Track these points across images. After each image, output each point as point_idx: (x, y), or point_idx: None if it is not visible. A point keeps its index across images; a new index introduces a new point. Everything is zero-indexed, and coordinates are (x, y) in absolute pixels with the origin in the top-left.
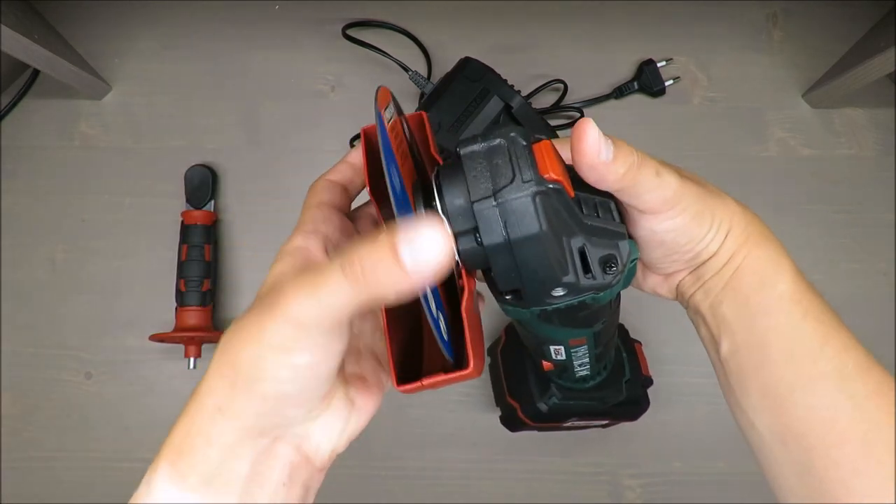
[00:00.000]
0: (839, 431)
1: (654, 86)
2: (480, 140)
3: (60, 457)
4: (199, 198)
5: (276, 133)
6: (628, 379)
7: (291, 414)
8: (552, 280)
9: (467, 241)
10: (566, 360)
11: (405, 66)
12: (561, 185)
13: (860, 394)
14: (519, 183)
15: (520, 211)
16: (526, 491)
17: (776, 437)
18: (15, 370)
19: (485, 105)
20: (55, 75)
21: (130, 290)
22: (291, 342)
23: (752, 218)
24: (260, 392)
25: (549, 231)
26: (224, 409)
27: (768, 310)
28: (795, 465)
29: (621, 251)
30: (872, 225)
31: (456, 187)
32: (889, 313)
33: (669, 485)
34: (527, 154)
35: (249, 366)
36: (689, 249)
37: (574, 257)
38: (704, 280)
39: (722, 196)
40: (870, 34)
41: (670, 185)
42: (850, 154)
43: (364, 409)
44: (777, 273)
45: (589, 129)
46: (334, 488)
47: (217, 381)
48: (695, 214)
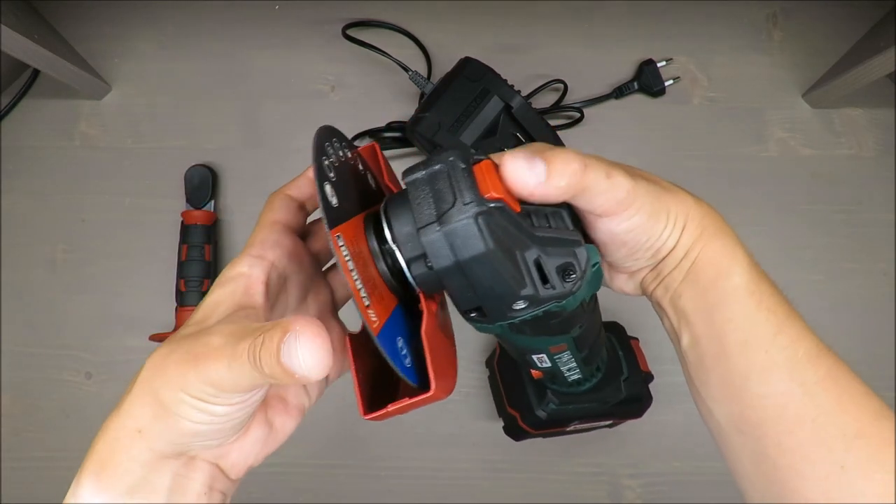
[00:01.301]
0: (790, 418)
1: (654, 86)
2: (422, 167)
3: (60, 457)
4: (199, 198)
5: (276, 133)
6: (627, 377)
7: (206, 444)
8: (510, 295)
9: (419, 267)
10: (552, 367)
11: (405, 66)
12: (503, 203)
13: (810, 381)
14: (460, 206)
15: (464, 233)
16: (526, 491)
17: (733, 425)
18: (15, 370)
19: (485, 105)
20: (55, 75)
21: (130, 290)
22: (210, 398)
23: (706, 210)
24: (178, 427)
25: (497, 248)
26: (144, 433)
27: (724, 301)
28: (751, 452)
29: (579, 258)
30: (872, 225)
31: (402, 216)
32: (889, 313)
33: (669, 485)
34: (466, 176)
35: (172, 405)
36: (649, 247)
37: (531, 269)
38: (664, 275)
39: (676, 191)
40: (870, 34)
41: (622, 186)
42: (850, 154)
43: (282, 430)
44: (732, 264)
45: (507, 164)
46: (335, 488)
47: (139, 409)
48: (651, 212)
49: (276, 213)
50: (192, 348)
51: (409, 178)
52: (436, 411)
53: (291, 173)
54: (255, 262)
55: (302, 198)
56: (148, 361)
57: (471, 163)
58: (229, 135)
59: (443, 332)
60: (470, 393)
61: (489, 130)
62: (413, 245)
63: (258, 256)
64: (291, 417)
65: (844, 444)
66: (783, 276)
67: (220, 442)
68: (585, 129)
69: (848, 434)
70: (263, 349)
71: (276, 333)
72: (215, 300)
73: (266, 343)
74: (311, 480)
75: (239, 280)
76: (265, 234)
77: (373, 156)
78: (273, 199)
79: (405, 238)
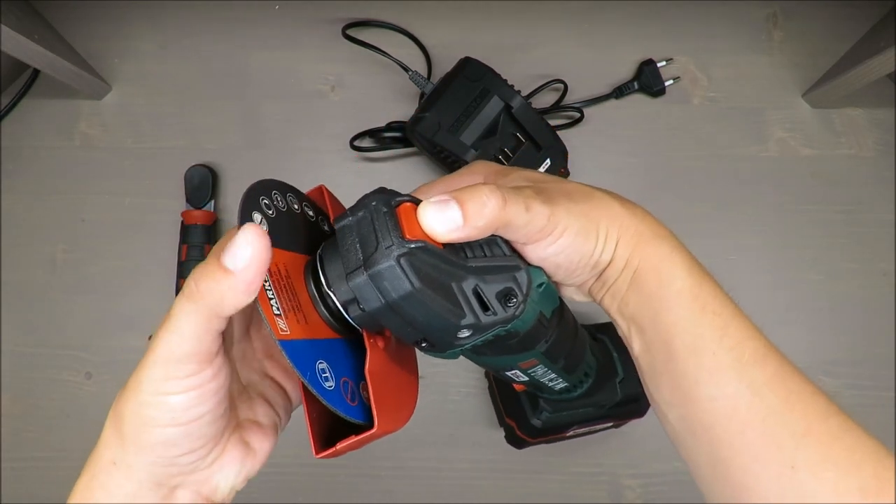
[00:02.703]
0: (740, 419)
1: (654, 86)
2: (350, 214)
3: (60, 457)
4: (199, 198)
5: (276, 133)
6: (622, 378)
7: (183, 461)
8: (450, 326)
9: (354, 310)
10: (531, 381)
11: (405, 66)
12: (424, 242)
13: (758, 381)
14: (382, 249)
15: (388, 276)
16: (526, 491)
17: (687, 429)
18: (15, 370)
19: (485, 105)
20: (55, 75)
21: (130, 290)
22: (163, 383)
23: (641, 217)
24: (146, 442)
25: (424, 286)
26: (118, 462)
27: (669, 307)
28: (705, 455)
29: (519, 282)
30: (872, 225)
31: (334, 262)
32: (889, 313)
33: (669, 485)
34: (387, 220)
35: (132, 417)
36: (585, 263)
37: (470, 299)
38: (609, 285)
39: (607, 203)
40: (870, 34)
41: (542, 214)
42: (850, 154)
43: (260, 450)
44: (672, 270)
45: (423, 216)
46: (335, 488)
47: (110, 435)
48: (577, 231)
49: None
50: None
51: (338, 225)
52: (436, 411)
53: (291, 173)
54: None
55: None
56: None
57: (393, 206)
58: (229, 135)
59: (397, 364)
60: (470, 393)
61: (489, 130)
62: (345, 290)
63: None
64: (267, 437)
65: (794, 442)
66: (783, 276)
67: (195, 456)
68: (585, 129)
69: (797, 433)
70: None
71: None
72: None
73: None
74: (311, 480)
75: None
76: None
77: (321, 197)
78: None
79: (337, 283)
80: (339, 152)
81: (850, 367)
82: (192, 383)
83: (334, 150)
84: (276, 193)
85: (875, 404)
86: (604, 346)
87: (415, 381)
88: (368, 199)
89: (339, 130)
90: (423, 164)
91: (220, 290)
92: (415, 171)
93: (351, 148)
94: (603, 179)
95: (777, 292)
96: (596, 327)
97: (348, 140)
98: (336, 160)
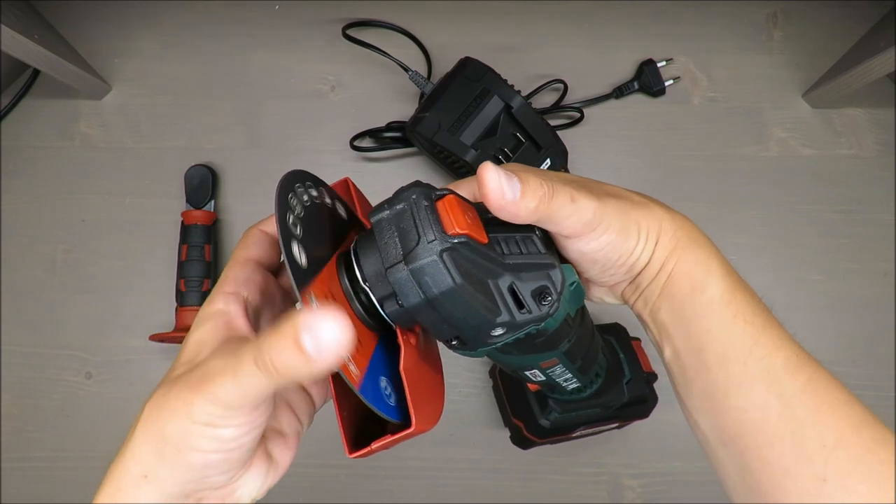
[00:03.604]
0: (769, 432)
1: (654, 86)
2: (387, 206)
3: (60, 457)
4: (199, 198)
5: (276, 133)
6: (629, 379)
7: (216, 480)
8: (486, 324)
9: (390, 305)
10: (548, 380)
11: (405, 66)
12: (467, 237)
13: (788, 392)
14: (424, 244)
15: (430, 271)
16: (526, 491)
17: (717, 438)
18: (15, 370)
19: (485, 105)
20: (55, 75)
21: (130, 290)
22: (218, 420)
23: (681, 222)
24: (186, 462)
25: (466, 282)
26: (150, 477)
27: (701, 314)
28: (736, 465)
29: (553, 280)
30: (872, 225)
31: (370, 256)
32: (889, 313)
33: (669, 485)
34: (428, 214)
35: (177, 438)
36: (622, 263)
37: (505, 296)
38: (642, 288)
39: (647, 205)
40: (870, 34)
41: (588, 208)
42: (850, 154)
43: (282, 462)
44: (707, 276)
45: (488, 174)
46: (335, 488)
47: (143, 449)
48: (620, 230)
49: (249, 249)
50: (192, 378)
51: (375, 218)
52: None
53: None
54: (230, 298)
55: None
56: (146, 405)
57: (433, 199)
58: (229, 135)
59: (426, 362)
60: (471, 393)
61: (489, 130)
62: (383, 284)
63: (232, 293)
64: (289, 447)
65: (824, 455)
66: (783, 276)
67: (228, 476)
68: (585, 129)
69: (827, 445)
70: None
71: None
72: (198, 339)
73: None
74: (311, 480)
75: (218, 317)
76: (237, 270)
77: (346, 190)
78: (247, 235)
79: (375, 278)
80: (339, 152)
81: (850, 367)
82: (245, 422)
83: (334, 150)
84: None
85: (875, 404)
86: (610, 347)
87: (441, 379)
88: (407, 191)
89: (339, 130)
90: (423, 164)
91: (297, 371)
92: (415, 171)
93: (351, 148)
94: (603, 179)
95: (777, 292)
96: (602, 328)
97: (348, 140)
98: (336, 160)
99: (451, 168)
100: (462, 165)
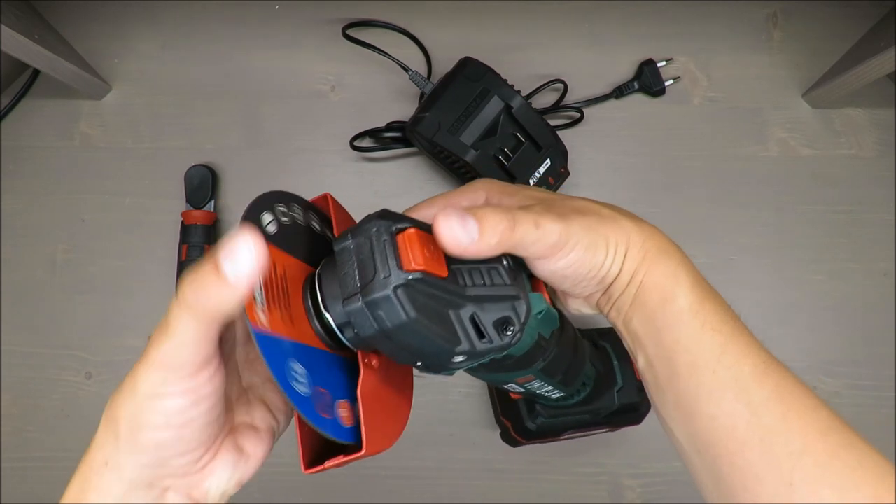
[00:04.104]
0: (739, 439)
1: (654, 86)
2: (350, 236)
3: (60, 457)
4: (199, 198)
5: (276, 133)
6: (621, 387)
7: (175, 463)
8: (444, 352)
9: (349, 332)
10: (527, 392)
11: (405, 66)
12: (423, 274)
13: (756, 400)
14: (380, 279)
15: (384, 306)
16: (526, 491)
17: (691, 446)
18: (15, 370)
19: (485, 105)
20: (55, 75)
21: (130, 290)
22: (161, 387)
23: (649, 233)
24: (140, 442)
25: (420, 316)
26: (110, 463)
27: (671, 324)
28: (709, 472)
29: (517, 311)
30: (872, 225)
31: (331, 284)
32: (889, 313)
33: (669, 485)
34: (386, 248)
35: (128, 418)
36: (592, 276)
37: (466, 326)
38: (614, 299)
39: (615, 218)
40: (870, 34)
41: (553, 232)
42: (850, 154)
43: (254, 455)
44: (675, 287)
45: (440, 227)
46: (335, 488)
47: (104, 436)
48: (587, 246)
49: None
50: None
51: (338, 248)
52: (436, 411)
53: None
54: None
55: None
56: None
57: (393, 233)
58: (229, 135)
59: (389, 382)
60: (470, 394)
61: (489, 130)
62: (341, 312)
63: None
64: (262, 441)
65: (791, 461)
66: (783, 277)
67: (186, 459)
68: (585, 129)
69: (794, 451)
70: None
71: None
72: None
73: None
74: (312, 480)
75: None
76: None
77: (326, 205)
78: None
79: (334, 305)
80: (339, 152)
81: (850, 367)
82: (188, 387)
83: (334, 150)
84: (279, 206)
85: (875, 404)
86: (605, 354)
87: (407, 396)
88: (370, 223)
89: (339, 130)
90: (423, 164)
91: (219, 299)
92: (415, 171)
93: (351, 148)
94: (603, 179)
95: (777, 292)
96: (599, 333)
97: (348, 140)
98: (336, 160)
99: (451, 168)
100: (462, 165)
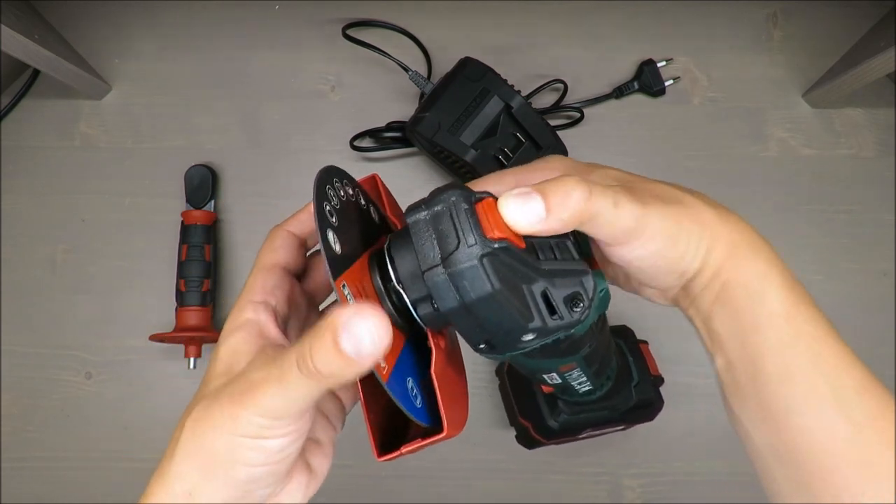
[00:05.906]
0: (837, 455)
1: (654, 86)
2: (424, 206)
3: (60, 457)
4: (199, 198)
5: (276, 133)
6: (637, 382)
7: (260, 493)
8: (519, 329)
9: (424, 308)
10: (563, 383)
11: (405, 66)
12: (507, 242)
13: (858, 417)
14: (464, 248)
15: (469, 276)
16: (526, 491)
17: (773, 453)
18: (15, 370)
19: (485, 105)
20: (55, 75)
21: (130, 290)
22: (266, 431)
23: (735, 225)
24: (232, 478)
25: (503, 288)
26: (195, 495)
27: (759, 327)
28: (792, 482)
29: (586, 287)
30: (872, 225)
31: (405, 257)
32: (889, 313)
33: (669, 485)
34: (468, 217)
35: (223, 453)
36: (670, 270)
37: (538, 302)
38: (694, 295)
39: (699, 208)
40: (870, 34)
41: (630, 215)
42: (850, 154)
43: (320, 471)
44: (767, 288)
45: (505, 207)
46: (335, 488)
47: (187, 467)
48: (667, 237)
49: (276, 253)
50: (234, 390)
51: (412, 219)
52: None
53: (291, 173)
54: (260, 307)
55: (303, 234)
56: (186, 422)
57: (473, 202)
58: (229, 135)
59: (452, 366)
60: (472, 394)
61: (489, 130)
62: (418, 286)
63: (261, 302)
64: (326, 455)
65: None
66: None
67: (271, 489)
68: (585, 129)
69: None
70: (315, 349)
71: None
72: (232, 350)
73: (316, 343)
74: None
75: (249, 326)
76: (265, 278)
77: (374, 186)
78: (274, 237)
79: (409, 279)
80: (339, 152)
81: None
82: (292, 429)
83: (334, 150)
84: (336, 181)
85: None
86: (620, 351)
87: (465, 384)
88: (446, 192)
89: (339, 130)
90: (424, 164)
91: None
92: (415, 171)
93: (351, 148)
94: None
95: None
96: (612, 331)
97: (348, 140)
98: (336, 160)
99: (451, 168)
100: (462, 165)
